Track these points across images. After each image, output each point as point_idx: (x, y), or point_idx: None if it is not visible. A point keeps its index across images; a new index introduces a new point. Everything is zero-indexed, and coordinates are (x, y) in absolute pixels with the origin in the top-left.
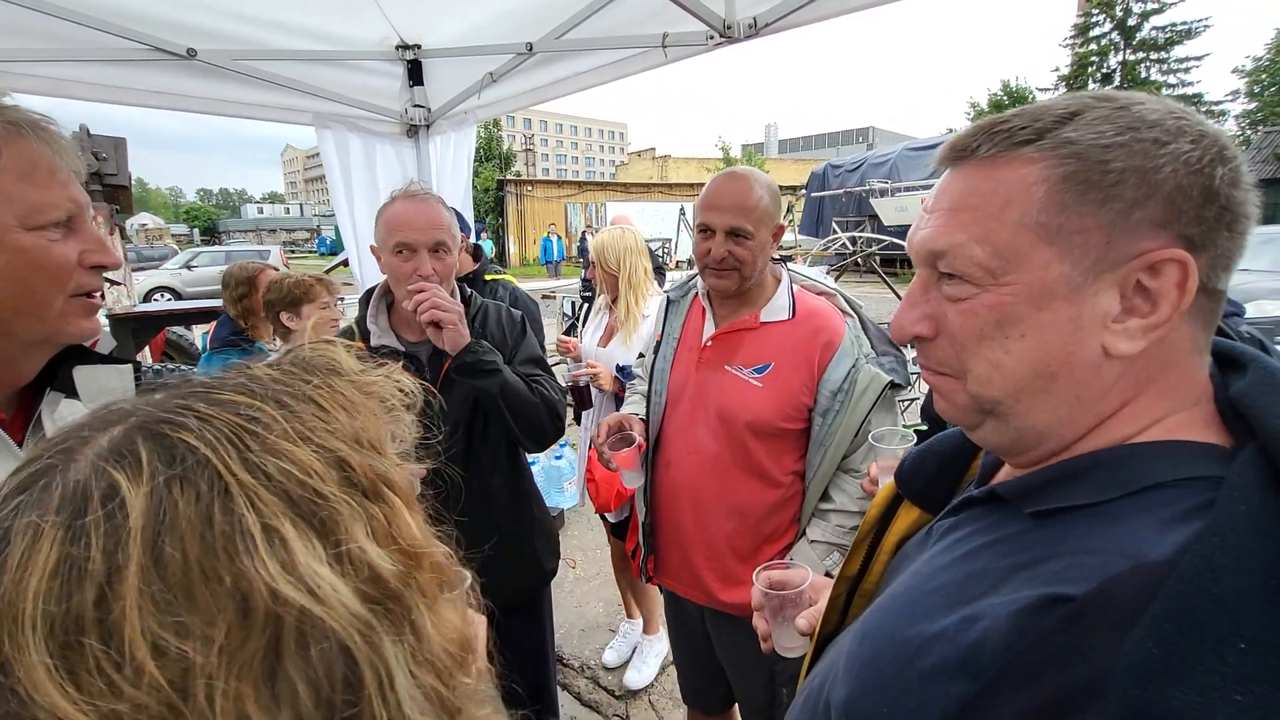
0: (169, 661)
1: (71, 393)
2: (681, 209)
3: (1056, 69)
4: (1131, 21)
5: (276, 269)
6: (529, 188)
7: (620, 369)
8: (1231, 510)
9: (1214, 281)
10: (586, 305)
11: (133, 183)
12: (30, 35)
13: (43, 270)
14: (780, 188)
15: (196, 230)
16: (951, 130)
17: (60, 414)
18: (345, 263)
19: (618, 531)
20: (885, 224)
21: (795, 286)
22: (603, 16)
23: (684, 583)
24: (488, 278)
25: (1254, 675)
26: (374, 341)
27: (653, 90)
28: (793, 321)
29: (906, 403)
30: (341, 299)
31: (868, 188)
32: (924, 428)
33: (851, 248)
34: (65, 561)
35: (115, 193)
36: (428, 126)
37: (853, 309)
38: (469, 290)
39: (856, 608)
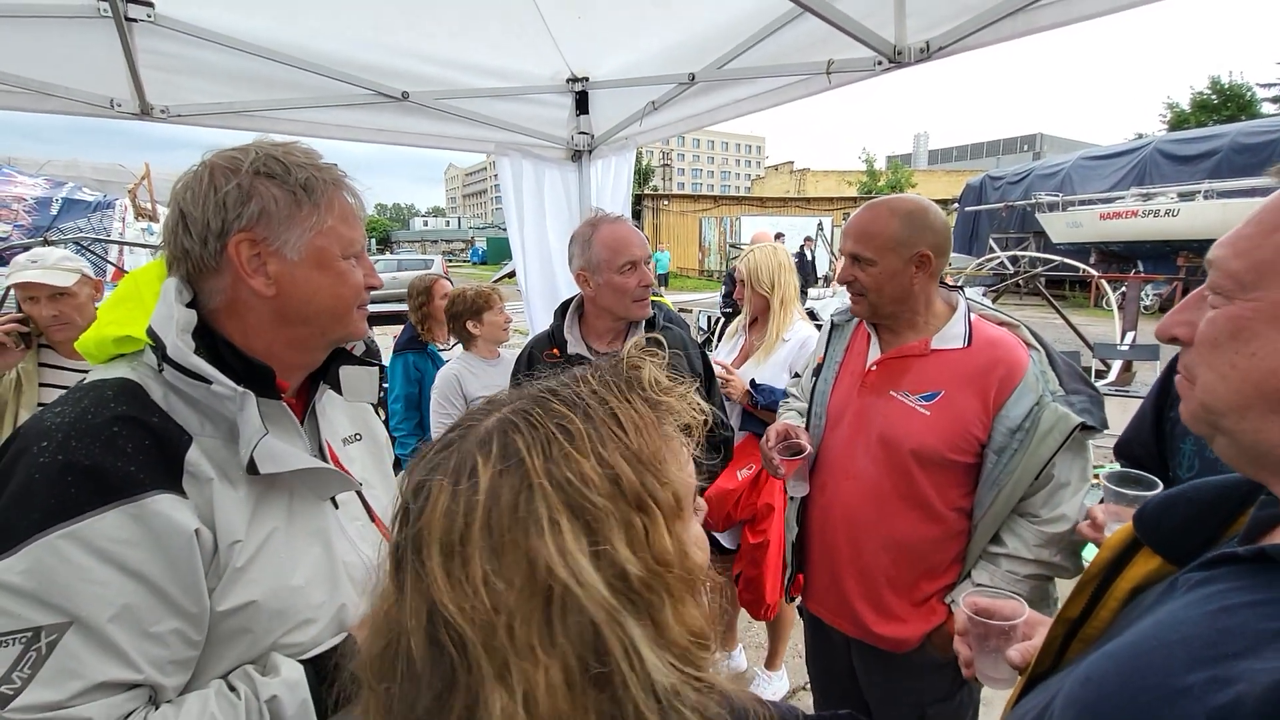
0: (490, 589)
1: (336, 386)
2: (820, 223)
3: None
4: None
5: (450, 281)
6: (666, 203)
7: (754, 385)
8: None
9: None
10: (723, 322)
11: None
12: (285, 86)
13: (349, 287)
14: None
15: (373, 240)
16: (1141, 135)
17: (325, 402)
18: (511, 274)
19: (721, 551)
20: (1054, 241)
21: (973, 315)
22: (766, 45)
23: (831, 609)
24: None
25: None
26: (569, 350)
27: (793, 104)
28: (968, 350)
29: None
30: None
31: (1033, 201)
32: (1117, 466)
33: (1012, 267)
34: (448, 510)
35: None
36: (590, 152)
37: (1040, 343)
38: (657, 316)
39: (1074, 651)
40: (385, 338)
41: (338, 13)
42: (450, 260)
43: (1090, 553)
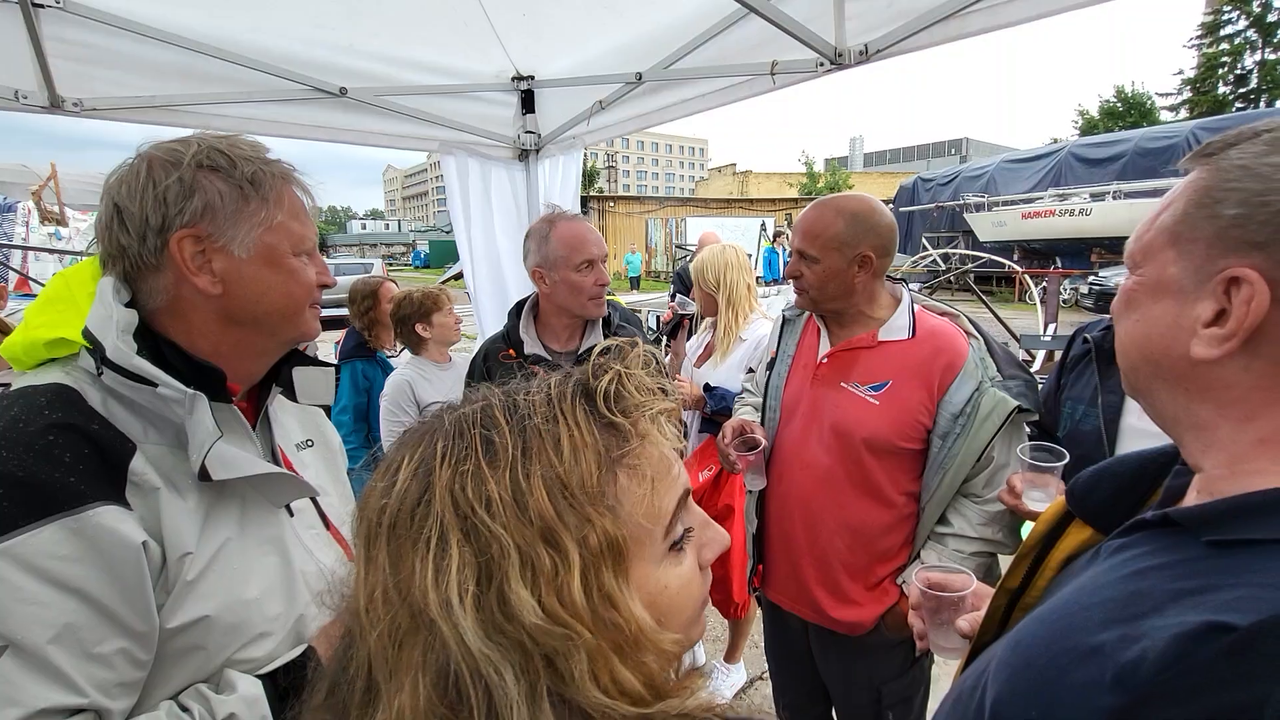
0: (386, 598)
1: (289, 388)
2: (763, 224)
3: (1180, 72)
4: (1271, 17)
5: (395, 283)
6: (611, 204)
7: (707, 389)
8: None
9: None
10: (670, 323)
11: None
12: (215, 80)
13: (301, 285)
14: None
15: None
16: (1056, 140)
17: (275, 406)
18: (458, 276)
19: None
20: (981, 240)
21: (916, 307)
22: (712, 45)
23: (790, 596)
24: None
25: None
26: (527, 350)
27: (736, 106)
28: (913, 341)
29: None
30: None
31: (962, 202)
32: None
33: (944, 265)
34: (370, 502)
35: None
36: (537, 151)
37: (978, 331)
38: (613, 315)
39: (1015, 620)
40: (325, 344)
41: (273, 7)
42: (391, 264)
43: (1029, 528)
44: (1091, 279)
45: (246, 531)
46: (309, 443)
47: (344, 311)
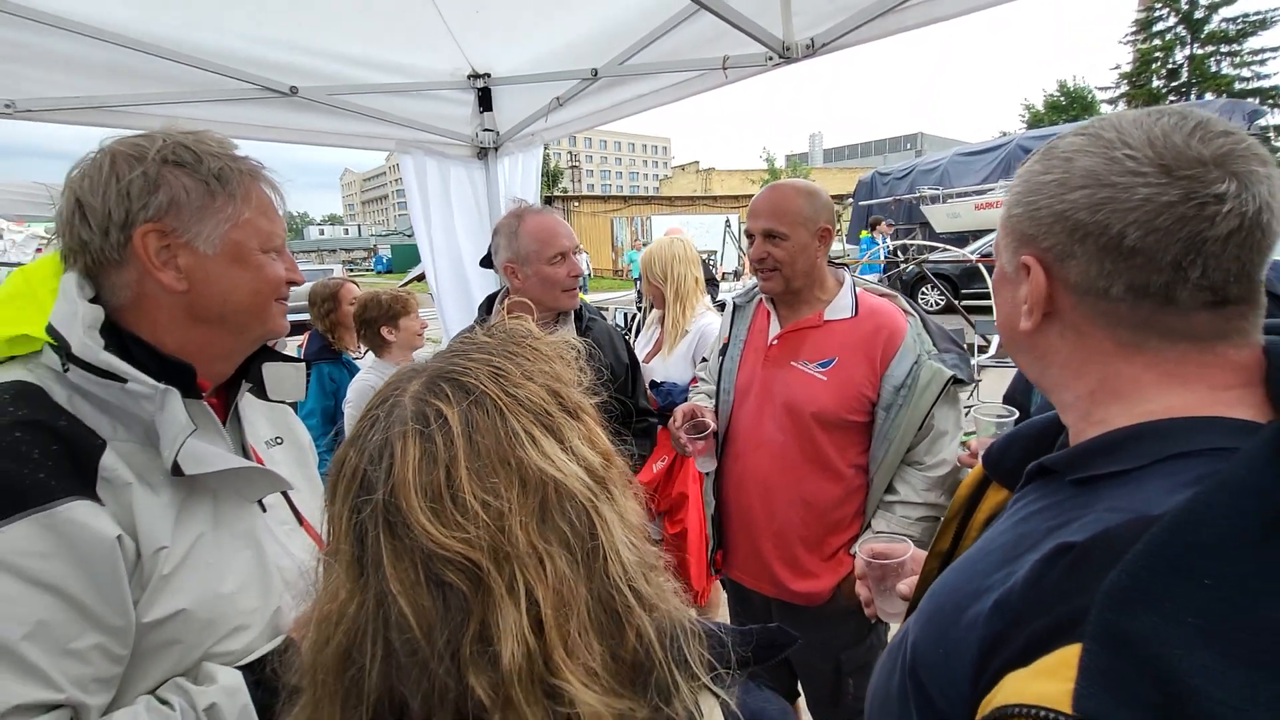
0: (489, 509)
1: (259, 385)
2: (727, 220)
3: (1117, 66)
4: (1198, 14)
5: (356, 284)
6: (576, 204)
7: (654, 386)
8: (1231, 473)
9: (1102, 287)
10: (639, 318)
11: None
12: (156, 80)
13: (269, 282)
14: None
15: None
16: (1005, 134)
17: (244, 403)
18: (420, 277)
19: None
20: (937, 231)
21: (858, 288)
22: (665, 41)
23: (752, 573)
24: None
25: (1209, 605)
26: None
27: (696, 104)
28: (856, 319)
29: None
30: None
31: (918, 195)
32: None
33: (902, 256)
34: (424, 454)
35: None
36: (496, 149)
37: (914, 309)
38: (584, 308)
39: None
40: (288, 348)
41: (215, 5)
42: (352, 270)
43: None
44: None
45: (220, 526)
46: (278, 440)
47: (305, 316)
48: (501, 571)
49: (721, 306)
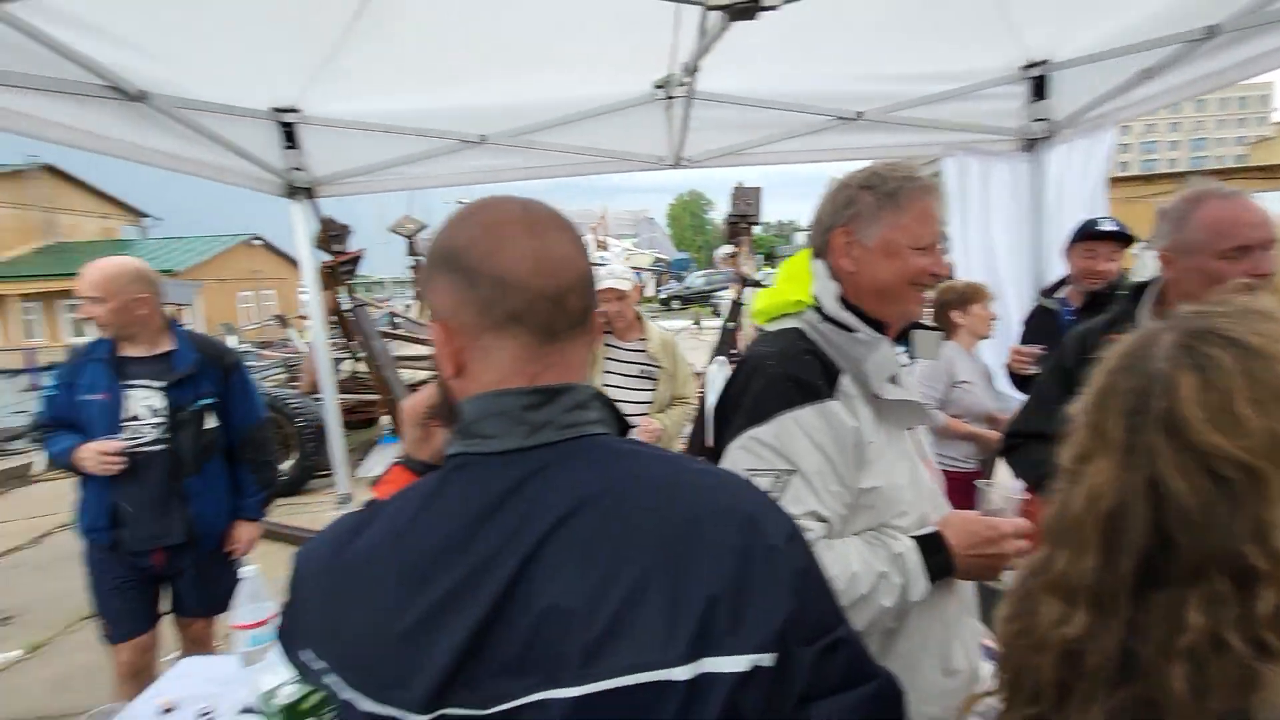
0: (1267, 430)
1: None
2: None
3: None
4: None
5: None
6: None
7: None
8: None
9: None
10: None
11: None
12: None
13: (907, 270)
14: None
15: (761, 256)
16: None
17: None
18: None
19: None
20: None
21: None
22: None
23: None
24: None
25: None
26: None
27: None
28: None
29: None
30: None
31: None
32: None
33: None
34: (1201, 383)
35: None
36: (1048, 138)
37: None
38: None
39: None
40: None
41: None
42: None
43: None
44: None
45: (890, 441)
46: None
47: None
48: (1277, 475)
49: None
